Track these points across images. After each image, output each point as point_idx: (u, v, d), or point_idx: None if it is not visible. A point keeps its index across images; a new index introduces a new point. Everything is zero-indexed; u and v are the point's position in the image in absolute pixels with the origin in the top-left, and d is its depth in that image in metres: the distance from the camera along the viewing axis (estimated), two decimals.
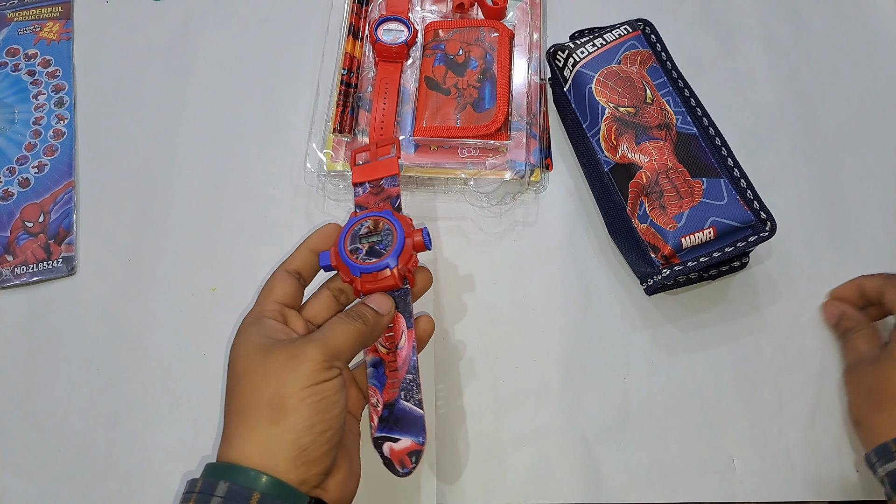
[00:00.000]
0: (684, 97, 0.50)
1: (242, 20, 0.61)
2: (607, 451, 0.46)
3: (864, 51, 0.60)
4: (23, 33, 0.60)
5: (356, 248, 0.40)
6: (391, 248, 0.39)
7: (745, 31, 0.60)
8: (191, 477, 0.34)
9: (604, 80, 0.50)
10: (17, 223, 0.53)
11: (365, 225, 0.40)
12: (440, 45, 0.55)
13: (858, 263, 0.51)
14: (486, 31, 0.55)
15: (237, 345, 0.37)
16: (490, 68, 0.53)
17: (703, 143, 0.48)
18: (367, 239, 0.40)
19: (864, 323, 0.47)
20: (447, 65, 0.54)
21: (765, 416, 0.47)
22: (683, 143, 0.48)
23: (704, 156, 0.47)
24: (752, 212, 0.46)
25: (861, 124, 0.56)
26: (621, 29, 0.52)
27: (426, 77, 0.54)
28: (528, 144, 0.52)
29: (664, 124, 0.48)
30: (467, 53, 0.54)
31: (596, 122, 0.49)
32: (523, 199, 0.53)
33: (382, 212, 0.41)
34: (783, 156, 0.54)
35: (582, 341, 0.49)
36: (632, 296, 0.50)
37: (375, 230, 0.40)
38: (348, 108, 0.53)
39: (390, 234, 0.40)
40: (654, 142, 0.48)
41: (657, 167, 0.47)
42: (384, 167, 0.45)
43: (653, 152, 0.47)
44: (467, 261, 0.51)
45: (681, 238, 0.45)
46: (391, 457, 0.38)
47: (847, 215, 0.53)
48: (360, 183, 0.45)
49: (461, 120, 0.51)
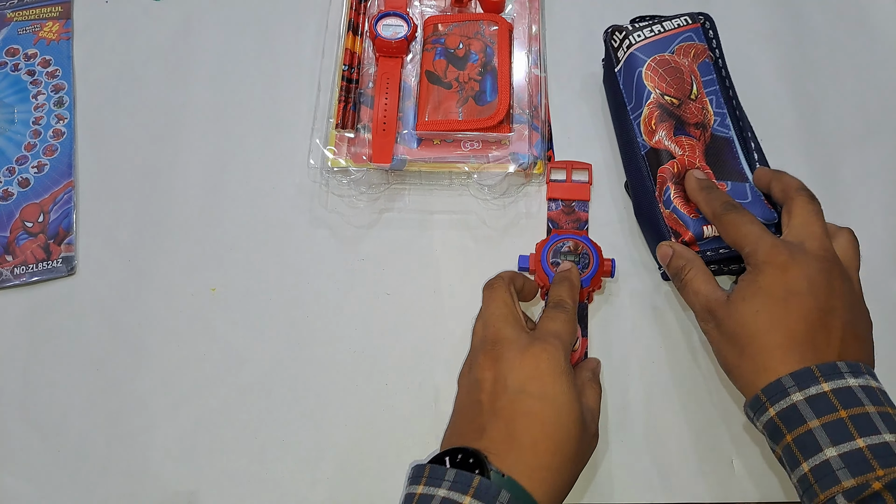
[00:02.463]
0: (728, 97, 0.51)
1: (242, 20, 0.61)
2: (607, 450, 0.46)
3: (865, 51, 0.59)
4: (22, 33, 0.60)
5: (557, 263, 0.47)
6: (587, 270, 0.47)
7: (745, 30, 0.60)
8: None
9: (655, 66, 0.50)
10: (17, 223, 0.53)
11: (567, 244, 0.48)
12: (440, 40, 0.55)
13: None
14: (485, 24, 0.55)
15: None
16: (490, 61, 0.54)
17: (735, 148, 0.49)
18: (567, 256, 0.48)
19: (696, 261, 0.44)
20: (448, 59, 0.54)
21: None
22: (715, 146, 0.49)
23: (734, 160, 0.48)
24: (776, 211, 0.46)
25: (861, 124, 0.56)
26: (681, 19, 0.52)
27: (427, 71, 0.54)
28: (530, 137, 0.52)
29: (701, 123, 0.49)
30: (467, 47, 0.54)
31: (640, 105, 0.50)
32: (527, 191, 0.54)
33: (583, 237, 0.49)
34: (784, 156, 0.54)
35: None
36: (633, 297, 0.50)
37: (575, 251, 0.48)
38: (350, 103, 0.53)
39: (587, 257, 0.48)
40: (689, 138, 0.49)
41: (686, 163, 0.48)
42: (577, 191, 0.52)
43: (685, 147, 0.48)
44: (470, 254, 0.51)
45: (703, 226, 0.45)
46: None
47: (847, 215, 0.53)
48: (554, 199, 0.52)
49: (463, 113, 0.52)
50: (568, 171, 0.53)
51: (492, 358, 0.39)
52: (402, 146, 0.52)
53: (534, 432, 0.37)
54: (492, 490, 0.34)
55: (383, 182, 0.53)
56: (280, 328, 0.49)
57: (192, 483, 0.45)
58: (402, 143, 0.52)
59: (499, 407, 0.38)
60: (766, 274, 0.39)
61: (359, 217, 0.53)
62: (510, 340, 0.40)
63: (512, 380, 0.38)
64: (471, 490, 0.34)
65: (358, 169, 0.52)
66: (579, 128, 0.56)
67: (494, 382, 0.39)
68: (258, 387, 0.48)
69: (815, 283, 0.38)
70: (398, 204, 0.53)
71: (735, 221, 0.42)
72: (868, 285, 0.50)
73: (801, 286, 0.38)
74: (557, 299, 0.43)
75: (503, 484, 0.35)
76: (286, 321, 0.50)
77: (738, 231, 0.42)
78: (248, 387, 0.48)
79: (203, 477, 0.45)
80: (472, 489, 0.34)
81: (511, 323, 0.41)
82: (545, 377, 0.38)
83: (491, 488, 0.34)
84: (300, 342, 0.49)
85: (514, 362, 0.39)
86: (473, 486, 0.35)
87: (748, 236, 0.41)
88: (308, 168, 0.52)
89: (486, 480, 0.35)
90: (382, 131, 0.52)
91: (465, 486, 0.35)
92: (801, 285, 0.38)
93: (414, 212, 0.53)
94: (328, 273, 0.51)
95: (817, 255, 0.40)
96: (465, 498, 0.34)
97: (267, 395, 0.47)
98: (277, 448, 0.46)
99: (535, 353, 0.39)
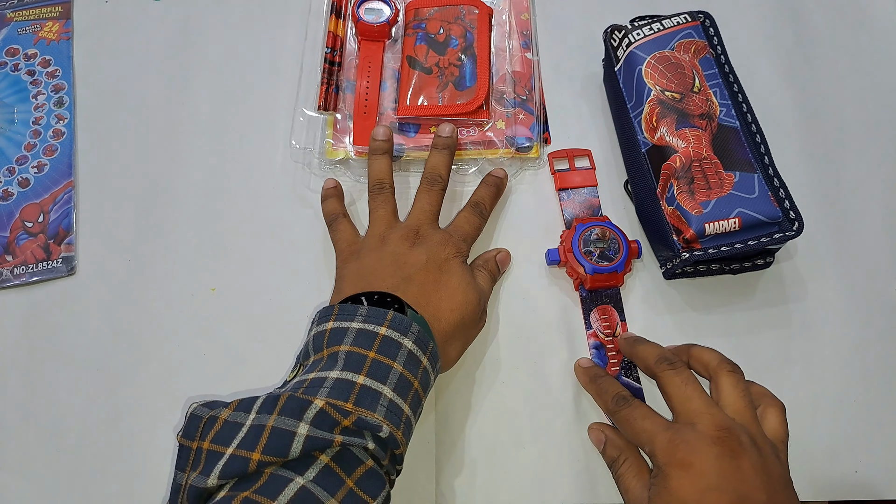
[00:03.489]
0: (732, 91, 0.50)
1: (242, 19, 0.61)
2: None
3: (865, 51, 0.59)
4: (22, 33, 0.60)
5: (589, 251, 0.48)
6: (619, 255, 0.48)
7: (745, 30, 0.60)
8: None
9: (655, 63, 0.50)
10: (17, 223, 0.53)
11: (594, 232, 0.49)
12: (421, 25, 0.56)
13: (859, 264, 0.51)
14: (465, 9, 0.56)
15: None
16: (470, 46, 0.54)
17: (742, 138, 0.48)
18: (597, 244, 0.48)
19: (629, 451, 0.41)
20: (428, 44, 0.55)
21: None
22: (722, 136, 0.48)
23: (742, 150, 0.48)
24: (781, 210, 0.46)
25: (861, 124, 0.56)
26: (680, 17, 0.53)
27: (408, 56, 0.55)
28: (523, 120, 0.54)
29: (707, 114, 0.49)
30: (448, 32, 0.55)
31: (640, 102, 0.50)
32: (523, 176, 0.54)
33: (607, 223, 0.50)
34: (784, 155, 0.54)
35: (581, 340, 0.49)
36: (632, 297, 0.50)
37: (603, 237, 0.49)
38: (332, 85, 0.54)
39: (616, 242, 0.49)
40: (694, 129, 0.48)
41: (692, 154, 0.47)
42: (584, 177, 0.53)
43: (690, 139, 0.48)
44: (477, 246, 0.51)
45: (704, 224, 0.45)
46: None
47: (847, 215, 0.53)
48: (564, 188, 0.53)
49: (444, 98, 0.52)
50: (570, 160, 0.54)
51: (410, 241, 0.45)
52: (401, 135, 0.53)
53: (441, 295, 0.43)
54: (405, 322, 0.39)
55: None
56: (280, 328, 0.49)
57: None
58: (400, 133, 0.53)
59: (411, 274, 0.43)
60: (672, 477, 0.36)
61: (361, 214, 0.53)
62: (430, 232, 0.46)
63: (426, 258, 0.44)
64: (385, 322, 0.39)
65: (358, 160, 0.53)
66: (579, 127, 0.56)
67: (410, 256, 0.44)
68: (258, 386, 0.48)
69: (723, 472, 0.35)
70: (399, 200, 0.53)
71: (628, 417, 0.40)
72: (868, 285, 0.51)
73: (710, 480, 0.35)
74: (478, 199, 0.50)
75: (415, 319, 0.40)
76: (286, 321, 0.49)
77: (632, 427, 0.39)
78: (248, 387, 0.48)
79: None
80: (387, 321, 0.39)
81: (431, 221, 0.48)
82: (451, 260, 0.45)
83: (404, 321, 0.39)
84: (300, 342, 0.49)
85: (431, 247, 0.45)
86: (388, 319, 0.39)
87: (642, 434, 0.38)
88: (291, 150, 0.53)
89: (399, 314, 0.40)
90: (363, 114, 0.53)
91: (379, 319, 0.39)
92: (709, 480, 0.35)
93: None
94: (329, 271, 0.51)
95: (715, 437, 0.36)
96: (380, 328, 0.39)
97: None
98: None
99: (446, 242, 0.46)
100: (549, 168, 0.54)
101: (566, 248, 0.49)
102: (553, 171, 0.54)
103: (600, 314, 0.49)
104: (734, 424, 0.37)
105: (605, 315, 0.49)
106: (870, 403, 0.47)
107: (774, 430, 0.39)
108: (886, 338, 0.49)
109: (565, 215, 0.52)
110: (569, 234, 0.50)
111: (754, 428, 0.37)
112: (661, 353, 0.41)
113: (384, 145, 0.50)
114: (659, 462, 0.37)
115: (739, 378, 0.40)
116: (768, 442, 0.37)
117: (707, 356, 0.41)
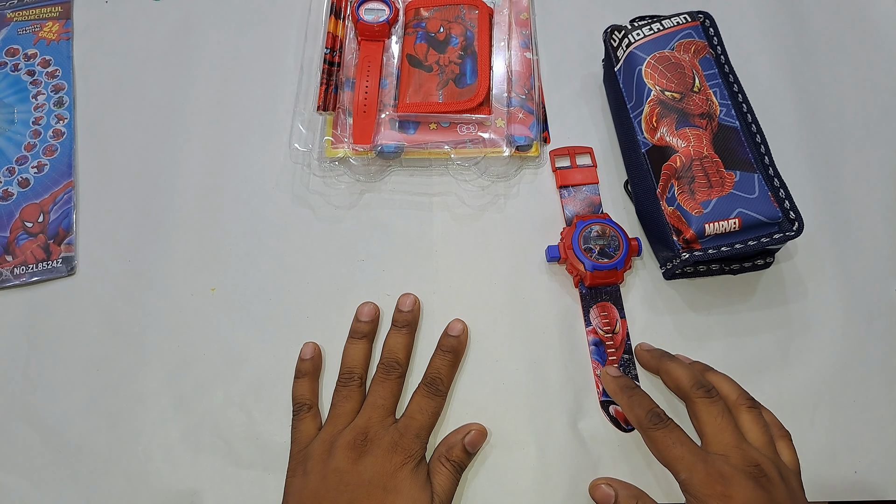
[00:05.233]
0: (732, 91, 0.50)
1: (242, 19, 0.61)
2: (608, 451, 0.46)
3: (865, 51, 0.59)
4: (22, 33, 0.60)
5: (589, 248, 0.48)
6: (619, 252, 0.48)
7: (745, 29, 0.60)
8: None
9: (655, 63, 0.50)
10: (17, 223, 0.53)
11: (594, 229, 0.49)
12: (421, 24, 0.56)
13: (859, 264, 0.51)
14: (465, 8, 0.56)
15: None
16: (471, 45, 0.55)
17: (742, 138, 0.48)
18: (597, 241, 0.48)
19: (644, 498, 0.42)
20: (428, 42, 0.55)
21: None
22: (723, 135, 0.48)
23: (742, 149, 0.48)
24: (781, 210, 0.46)
25: (861, 124, 0.56)
26: (680, 17, 0.53)
27: (408, 55, 0.55)
28: (523, 119, 0.54)
29: (707, 114, 0.49)
30: (448, 31, 0.55)
31: (640, 103, 0.50)
32: (522, 174, 0.54)
33: (607, 220, 0.49)
34: (784, 155, 0.54)
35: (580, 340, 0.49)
36: (631, 297, 0.50)
37: (603, 234, 0.49)
38: (331, 86, 0.54)
39: (616, 239, 0.48)
40: (694, 129, 0.48)
41: (693, 153, 0.47)
42: (585, 175, 0.53)
43: (691, 139, 0.48)
44: (465, 243, 0.52)
45: (704, 224, 0.45)
46: (617, 416, 0.46)
47: (847, 215, 0.53)
48: (565, 186, 0.52)
49: (443, 96, 0.53)
50: (571, 157, 0.54)
51: (357, 451, 0.42)
52: (401, 133, 0.53)
53: None
54: None
55: (382, 169, 0.54)
56: (280, 328, 0.49)
57: (192, 483, 0.45)
58: (400, 131, 0.53)
59: (353, 499, 0.40)
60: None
61: (353, 214, 0.53)
62: (380, 435, 0.43)
63: (370, 476, 0.41)
64: None
65: (357, 158, 0.53)
66: (579, 128, 0.56)
67: (353, 474, 0.41)
68: (258, 386, 0.48)
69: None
70: (399, 198, 0.53)
71: (665, 440, 0.40)
72: (868, 285, 0.51)
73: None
74: (434, 374, 0.46)
75: None
76: (286, 321, 0.50)
77: (668, 452, 0.39)
78: (248, 387, 0.48)
79: (204, 477, 0.45)
80: None
81: (383, 417, 0.44)
82: (398, 472, 0.41)
83: None
84: (300, 342, 0.49)
85: (377, 460, 0.42)
86: None
87: (680, 461, 0.39)
88: (291, 150, 0.53)
89: None
90: (363, 113, 0.53)
91: None
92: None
93: (412, 206, 0.53)
94: (329, 272, 0.51)
95: (748, 472, 0.38)
96: None
97: (267, 395, 0.47)
98: (279, 447, 0.46)
99: (395, 448, 0.42)
100: (550, 165, 0.54)
101: (566, 245, 0.49)
102: (554, 168, 0.54)
103: (600, 311, 0.49)
104: (764, 459, 0.38)
105: (604, 312, 0.49)
106: (870, 403, 0.47)
107: (790, 461, 0.41)
108: (886, 338, 0.49)
109: (566, 213, 0.52)
110: (569, 230, 0.50)
111: (779, 462, 0.39)
112: (696, 379, 0.42)
113: (366, 328, 0.48)
114: (695, 493, 0.38)
115: (758, 413, 0.41)
116: (791, 474, 0.39)
117: (727, 388, 0.43)
